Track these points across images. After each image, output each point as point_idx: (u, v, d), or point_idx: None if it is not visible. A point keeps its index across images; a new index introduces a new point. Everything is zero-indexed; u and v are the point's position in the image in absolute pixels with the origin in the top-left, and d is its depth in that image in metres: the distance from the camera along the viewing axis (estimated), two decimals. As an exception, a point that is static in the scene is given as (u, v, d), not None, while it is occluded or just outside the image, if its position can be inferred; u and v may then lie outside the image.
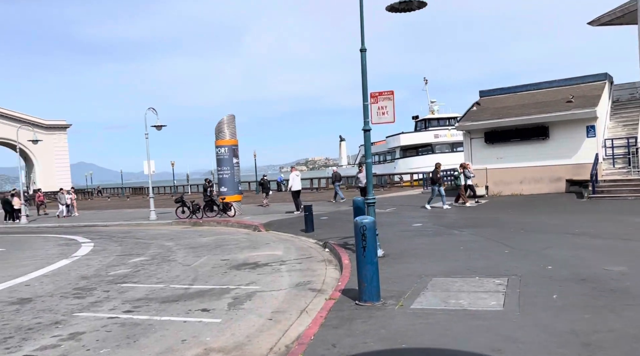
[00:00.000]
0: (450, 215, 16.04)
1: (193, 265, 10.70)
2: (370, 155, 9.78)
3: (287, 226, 16.79)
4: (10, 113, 67.63)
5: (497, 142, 21.21)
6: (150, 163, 23.73)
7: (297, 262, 10.38)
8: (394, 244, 10.96)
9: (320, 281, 8.44)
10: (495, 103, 22.99)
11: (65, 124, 73.63)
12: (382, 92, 9.73)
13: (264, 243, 13.69)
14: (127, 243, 15.18)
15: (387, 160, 53.79)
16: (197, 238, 15.77)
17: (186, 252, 12.59)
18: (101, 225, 22.97)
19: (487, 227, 12.71)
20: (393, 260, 9.24)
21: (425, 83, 56.94)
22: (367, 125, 9.67)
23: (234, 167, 22.86)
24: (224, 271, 9.80)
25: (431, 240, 11.29)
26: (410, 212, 18.04)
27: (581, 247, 9.27)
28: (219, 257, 11.64)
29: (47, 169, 70.76)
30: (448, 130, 48.22)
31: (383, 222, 15.24)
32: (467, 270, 8.01)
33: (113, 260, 11.97)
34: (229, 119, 23.03)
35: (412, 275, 7.89)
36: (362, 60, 9.57)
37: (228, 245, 13.66)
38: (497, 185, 21.38)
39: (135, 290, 8.49)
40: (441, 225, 13.71)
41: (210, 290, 8.21)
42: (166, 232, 18.19)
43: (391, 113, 9.73)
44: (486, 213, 16.02)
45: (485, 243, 10.38)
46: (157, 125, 23.82)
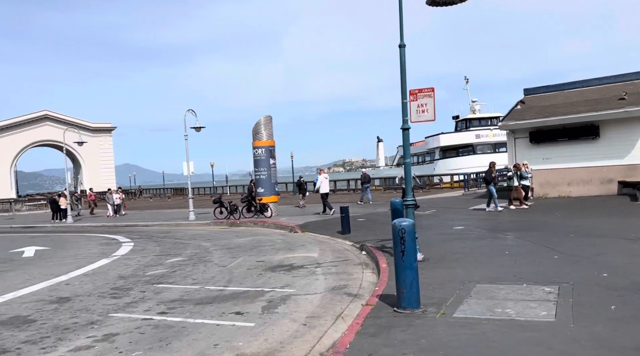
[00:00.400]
0: (494, 218, 15.41)
1: (228, 266, 10.62)
2: (409, 155, 9.42)
3: (323, 227, 16.58)
4: (60, 116, 70.55)
5: (543, 142, 20.31)
6: (190, 164, 24.02)
7: (333, 265, 10.13)
8: (434, 248, 10.54)
9: (356, 286, 8.16)
10: (540, 102, 22.05)
11: (111, 127, 76.19)
12: (422, 89, 9.36)
13: (300, 244, 13.51)
14: (166, 244, 15.33)
15: (426, 161, 52.85)
16: (234, 239, 15.77)
17: (222, 253, 12.56)
18: (142, 225, 23.42)
19: (534, 231, 12.08)
20: (434, 264, 8.85)
21: (466, 82, 55.63)
22: (405, 124, 9.32)
23: (271, 167, 22.86)
24: (259, 273, 9.66)
25: (474, 244, 10.81)
26: (451, 215, 17.47)
27: (639, 254, 8.61)
28: (255, 258, 11.53)
29: (94, 170, 73.41)
30: (490, 130, 46.91)
31: (422, 225, 14.80)
32: (514, 276, 7.54)
33: (151, 260, 12.06)
34: (266, 120, 23.05)
35: (454, 280, 7.50)
36: (400, 57, 9.24)
37: (264, 246, 13.56)
38: (543, 187, 20.46)
39: (170, 290, 8.45)
40: (484, 228, 13.15)
41: (244, 292, 8.06)
42: (204, 233, 18.31)
43: (431, 111, 9.34)
44: (532, 216, 15.29)
45: (532, 247, 9.83)
46: (196, 127, 24.12)
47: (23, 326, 6.71)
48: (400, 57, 9.23)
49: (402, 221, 6.16)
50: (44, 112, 70.57)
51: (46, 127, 72.18)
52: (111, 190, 31.41)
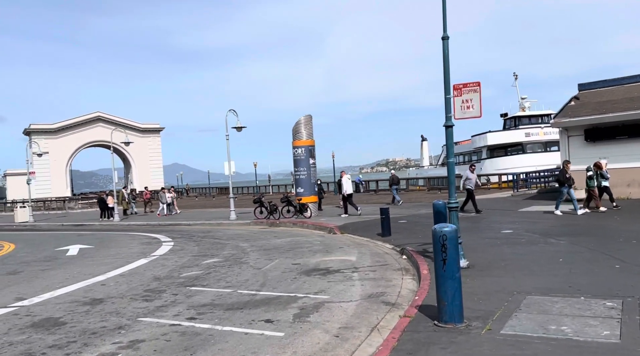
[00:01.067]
0: (546, 221, 14.46)
1: (263, 268, 10.35)
2: (452, 154, 8.83)
3: (362, 229, 16.11)
4: (111, 117, 73.23)
5: (600, 140, 19.00)
6: (231, 164, 24.09)
7: (371, 270, 9.66)
8: (480, 253, 9.88)
9: (394, 294, 7.67)
10: (596, 97, 20.66)
11: (159, 127, 78.41)
12: (467, 83, 8.74)
13: (338, 247, 13.11)
14: (205, 244, 15.30)
15: (472, 161, 51.19)
16: (272, 239, 15.55)
17: (259, 255, 12.33)
18: (185, 224, 23.66)
19: (590, 236, 11.17)
20: (479, 272, 8.23)
21: (515, 78, 53.43)
22: (449, 121, 8.74)
23: (311, 167, 22.58)
24: (294, 276, 9.33)
25: (524, 249, 10.06)
26: (499, 217, 16.59)
27: None
28: (291, 260, 11.22)
29: (143, 170, 75.76)
30: (541, 128, 44.84)
31: (467, 228, 14.06)
32: (569, 287, 6.85)
33: (188, 260, 11.98)
34: (306, 120, 22.79)
35: (501, 291, 6.88)
36: (443, 49, 8.67)
37: (301, 248, 13.24)
38: (599, 188, 19.12)
39: (202, 294, 8.24)
40: (535, 232, 12.30)
41: (277, 297, 7.74)
42: (243, 233, 18.21)
43: (477, 107, 8.71)
44: (588, 220, 14.24)
45: (590, 255, 9.01)
46: (237, 127, 24.13)
47: (53, 328, 6.64)
48: (443, 49, 8.66)
49: (444, 227, 5.64)
50: (97, 114, 73.47)
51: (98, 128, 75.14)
52: (164, 189, 31.41)
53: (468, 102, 8.73)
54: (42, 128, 69.76)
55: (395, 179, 28.51)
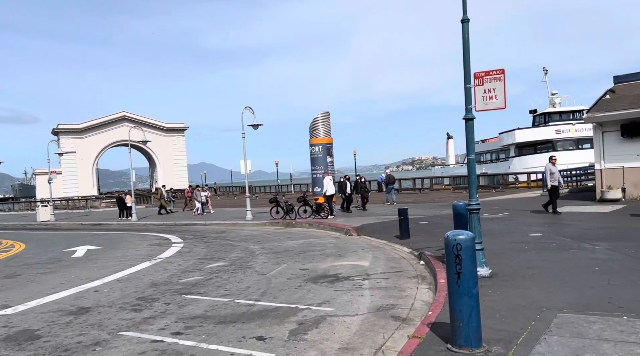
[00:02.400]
0: (577, 223, 13.34)
1: (269, 274, 9.64)
2: (473, 150, 7.94)
3: (380, 231, 15.28)
4: (136, 117, 74.03)
5: (638, 136, 17.65)
6: (247, 162, 23.52)
7: (384, 277, 8.85)
8: (505, 260, 8.95)
9: (407, 306, 6.85)
10: (634, 90, 19.27)
11: (183, 127, 78.89)
12: (489, 71, 7.84)
13: (352, 250, 12.32)
14: (215, 245, 14.71)
15: (500, 159, 49.49)
16: (285, 241, 14.86)
17: (267, 258, 11.64)
18: (200, 224, 23.22)
19: (630, 241, 10.08)
20: (503, 282, 7.33)
21: (545, 73, 51.47)
22: (469, 113, 7.86)
23: (328, 166, 21.83)
24: (299, 284, 8.59)
25: (554, 255, 9.08)
26: (527, 218, 15.50)
27: None
28: (299, 265, 10.49)
29: (168, 169, 76.38)
30: (572, 125, 42.96)
31: (492, 230, 13.09)
32: (608, 303, 5.91)
33: (192, 264, 11.37)
34: (324, 116, 22.05)
35: (528, 306, 5.99)
36: (463, 33, 7.79)
37: (313, 250, 12.50)
38: (637, 188, 17.82)
39: (197, 303, 7.57)
40: (566, 235, 11.26)
41: (275, 309, 7.01)
42: (257, 234, 17.59)
43: (501, 98, 7.79)
44: (625, 222, 13.08)
45: (630, 263, 7.99)
46: (254, 124, 23.54)
47: (25, 343, 6.06)
48: (462, 33, 7.78)
49: (458, 234, 4.80)
50: (122, 114, 74.35)
51: (124, 127, 76.10)
52: (199, 188, 30.61)
53: (491, 91, 7.82)
54: (69, 128, 70.93)
55: (392, 179, 27.95)
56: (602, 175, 18.50)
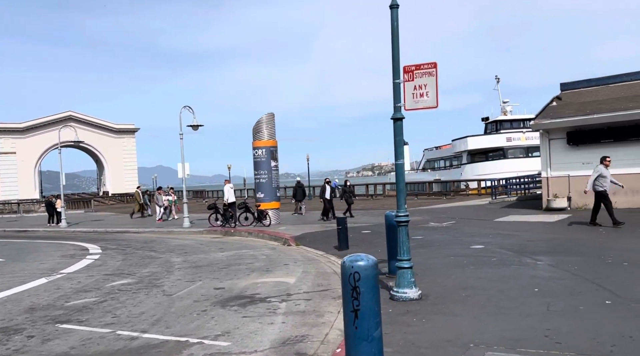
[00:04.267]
0: (521, 234, 12.70)
1: (175, 294, 8.37)
2: (401, 154, 6.97)
3: (321, 240, 14.25)
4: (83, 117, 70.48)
5: (584, 144, 17.37)
6: (185, 165, 22.04)
7: (306, 298, 7.76)
8: (440, 277, 8.04)
9: (319, 338, 5.76)
10: (580, 98, 19.09)
11: (134, 128, 75.71)
12: (420, 64, 6.90)
13: (283, 263, 11.20)
14: (134, 257, 13.25)
15: (453, 166, 49.69)
16: (214, 252, 13.58)
17: (184, 274, 10.34)
18: (133, 231, 21.57)
19: (573, 255, 9.41)
20: (432, 307, 6.37)
21: (497, 81, 52.14)
22: (397, 112, 6.91)
23: (272, 170, 20.65)
24: (204, 308, 7.37)
25: (493, 272, 8.24)
26: (472, 227, 14.82)
27: None
28: (217, 283, 9.26)
29: (117, 171, 73.04)
30: (522, 133, 43.52)
31: (434, 241, 12.27)
32: (545, 337, 5.01)
33: (93, 281, 9.92)
34: (268, 118, 20.87)
35: (454, 341, 5.02)
36: (392, 21, 6.83)
37: (240, 264, 11.29)
38: (582, 197, 17.47)
39: (67, 336, 6.22)
40: (509, 248, 10.52)
41: (160, 344, 5.77)
42: (189, 243, 16.20)
43: (433, 95, 6.87)
44: (570, 233, 12.53)
45: (573, 282, 7.21)
46: (194, 125, 22.12)
47: None
48: (392, 21, 6.83)
49: (357, 259, 3.74)
50: (68, 113, 70.55)
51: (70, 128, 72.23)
52: (160, 191, 26.47)
53: (422, 88, 6.89)
54: (9, 128, 66.64)
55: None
56: (549, 183, 18.15)
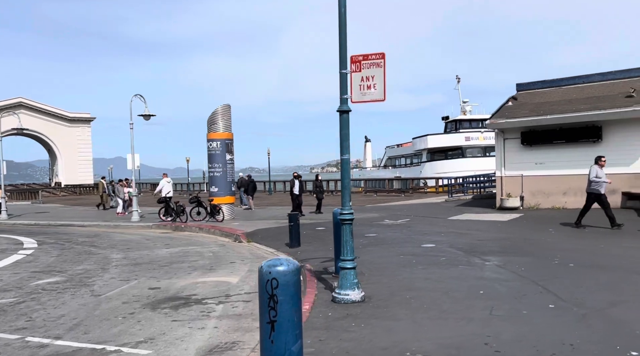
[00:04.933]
0: (473, 233, 12.65)
1: (105, 295, 7.77)
2: (347, 148, 6.62)
3: (273, 237, 13.82)
4: (35, 104, 67.28)
5: (537, 144, 17.60)
6: (135, 157, 21.10)
7: (245, 300, 7.32)
8: (387, 278, 7.75)
9: (250, 345, 5.33)
10: (535, 98, 19.35)
11: (89, 117, 72.82)
12: (368, 54, 6.55)
13: (229, 261, 10.72)
14: (70, 253, 12.45)
15: (413, 164, 50.15)
16: (160, 249, 12.93)
17: (120, 272, 9.71)
18: (77, 224, 20.49)
19: (522, 255, 9.34)
20: (374, 310, 6.05)
21: (457, 81, 52.91)
22: (343, 105, 6.54)
23: (227, 164, 20.02)
24: (132, 310, 6.82)
25: (441, 273, 8.02)
26: (426, 226, 14.71)
27: (673, 305, 5.86)
28: (154, 282, 8.69)
29: (70, 161, 70.16)
30: (481, 133, 44.25)
31: (386, 239, 12.04)
32: (485, 345, 4.76)
33: (17, 279, 9.16)
34: (224, 109, 20.20)
35: (390, 349, 4.70)
36: (339, 6, 6.44)
37: (184, 262, 10.73)
38: (534, 196, 17.77)
39: (-30, 343, 5.58)
40: (459, 247, 10.38)
41: (72, 353, 5.22)
42: (134, 239, 15.44)
43: (380, 88, 6.54)
44: (520, 232, 12.56)
45: (518, 284, 7.05)
46: (145, 115, 21.18)
47: None
48: (339, 6, 6.43)
49: (276, 264, 3.34)
50: (19, 100, 67.09)
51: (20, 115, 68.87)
52: (121, 182, 24.64)
53: (369, 80, 6.54)
54: (-50, 113, 62.93)
55: (243, 182, 25.45)
56: (503, 182, 18.32)
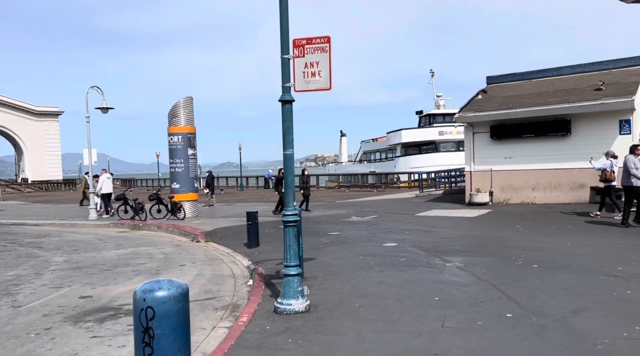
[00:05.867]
0: (439, 230, 12.19)
1: (25, 306, 6.98)
2: (290, 143, 5.99)
3: (233, 236, 13.13)
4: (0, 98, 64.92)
5: (506, 138, 17.28)
6: (92, 152, 20.09)
7: (181, 309, 6.61)
8: (339, 282, 7.17)
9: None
10: (505, 91, 19.04)
11: (57, 111, 70.51)
12: (312, 38, 5.91)
13: (179, 264, 10.00)
14: (9, 256, 11.53)
15: (387, 158, 49.87)
16: (108, 250, 12.12)
17: (55, 277, 8.91)
18: (31, 223, 19.40)
19: (485, 254, 8.87)
20: (317, 322, 5.45)
21: (431, 75, 52.80)
22: (286, 94, 5.89)
23: (189, 159, 19.19)
24: (50, 325, 6.07)
25: (397, 276, 7.47)
26: (391, 222, 14.21)
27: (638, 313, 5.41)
28: (87, 289, 7.94)
29: (37, 157, 67.98)
30: (454, 127, 44.14)
31: (348, 238, 11.50)
32: (432, 363, 4.20)
33: (-64, 288, 8.29)
34: (186, 102, 19.33)
35: (323, 372, 4.10)
36: (277, -15, 5.78)
37: (129, 265, 9.97)
38: (503, 191, 17.46)
39: None
40: (421, 246, 9.87)
41: (-42, 380, 4.48)
42: (87, 238, 14.55)
43: (326, 76, 5.91)
44: (487, 230, 12.15)
45: (477, 289, 6.54)
46: (103, 108, 20.16)
47: None
48: (278, -14, 5.77)
49: (153, 288, 2.71)
50: (-19, 92, 64.61)
51: (-25, 108, 66.66)
52: (97, 178, 21.00)
53: (313, 66, 5.91)
54: None
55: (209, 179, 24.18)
56: (472, 177, 17.97)
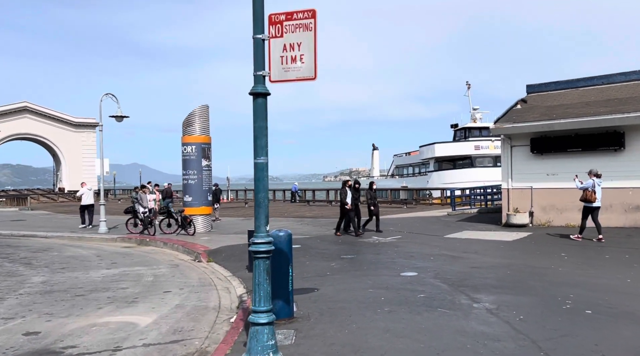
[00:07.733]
0: (470, 257, 10.49)
1: (-45, 343, 5.81)
2: (263, 149, 4.59)
3: (239, 256, 11.88)
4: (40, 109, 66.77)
5: (548, 152, 15.38)
6: (105, 161, 19.32)
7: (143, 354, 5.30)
8: (337, 326, 5.67)
9: None
10: (547, 101, 17.14)
11: (95, 122, 71.75)
12: (293, 12, 4.53)
13: (164, 290, 8.72)
14: None
15: (420, 173, 47.84)
16: (98, 269, 11.02)
17: (16, 304, 7.77)
18: (41, 235, 18.68)
19: (523, 292, 7.19)
20: (285, 393, 3.98)
21: (467, 87, 50.60)
22: (258, 85, 4.52)
23: (203, 170, 18.10)
24: (-38, 374, 4.85)
25: (409, 320, 5.90)
26: (416, 245, 12.58)
27: None
28: (40, 322, 6.72)
29: (74, 167, 69.37)
30: (491, 141, 41.87)
31: (363, 263, 10.00)
32: None
33: None
34: (202, 111, 18.33)
35: None
36: (248, -56, 4.43)
37: (108, 290, 8.77)
38: (545, 212, 15.51)
39: None
40: (446, 278, 8.24)
41: None
42: (86, 254, 13.58)
43: (310, 61, 4.51)
44: (526, 258, 10.36)
45: (512, 347, 4.91)
46: (117, 116, 19.43)
47: None
48: (249, -55, 4.43)
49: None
50: (24, 104, 66.53)
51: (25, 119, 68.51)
52: (145, 189, 18.58)
53: (294, 49, 4.52)
54: (-45, 118, 62.33)
55: (169, 192, 19.20)
56: (510, 195, 16.09)
